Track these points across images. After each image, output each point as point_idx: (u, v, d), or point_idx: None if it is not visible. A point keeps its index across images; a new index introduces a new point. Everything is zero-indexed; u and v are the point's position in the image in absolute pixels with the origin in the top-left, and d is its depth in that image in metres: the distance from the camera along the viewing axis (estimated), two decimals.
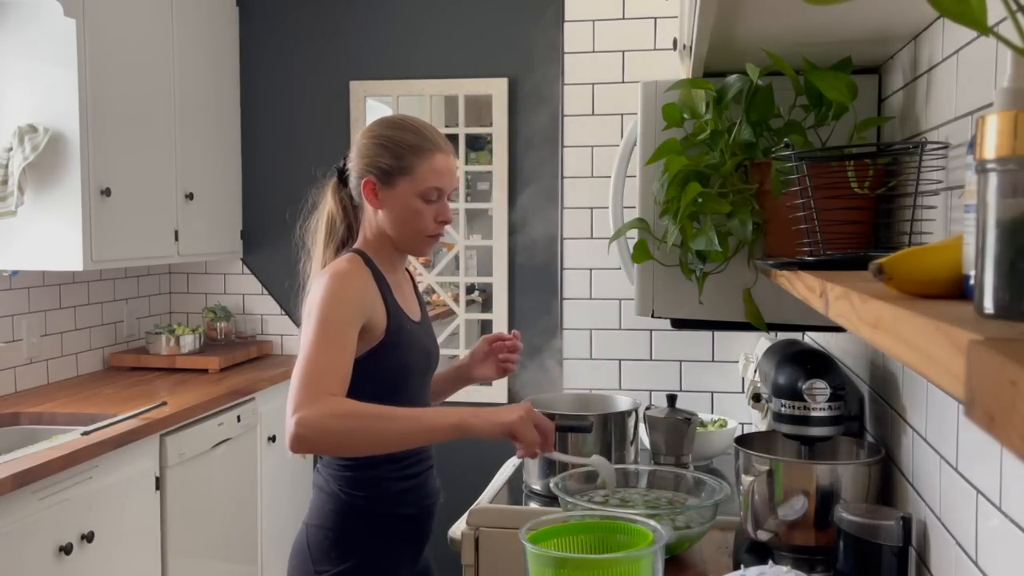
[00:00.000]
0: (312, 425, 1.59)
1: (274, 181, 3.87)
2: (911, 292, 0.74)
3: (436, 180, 1.81)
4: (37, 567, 2.25)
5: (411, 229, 1.83)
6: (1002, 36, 0.58)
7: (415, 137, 1.82)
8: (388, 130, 1.84)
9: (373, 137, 1.84)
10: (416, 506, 1.89)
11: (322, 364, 1.66)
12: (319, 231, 1.92)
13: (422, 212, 1.82)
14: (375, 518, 1.84)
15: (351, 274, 1.77)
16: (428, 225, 1.83)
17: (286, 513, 3.59)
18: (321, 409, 1.60)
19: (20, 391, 3.13)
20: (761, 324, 1.76)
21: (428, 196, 1.81)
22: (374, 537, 1.84)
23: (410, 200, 1.81)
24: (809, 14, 1.36)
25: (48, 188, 2.90)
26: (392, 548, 1.87)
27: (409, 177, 1.80)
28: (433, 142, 1.83)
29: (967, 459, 1.21)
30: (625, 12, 3.40)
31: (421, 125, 1.87)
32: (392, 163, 1.80)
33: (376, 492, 1.83)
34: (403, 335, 1.83)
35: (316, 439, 1.61)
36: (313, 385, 1.63)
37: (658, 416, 2.41)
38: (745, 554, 1.75)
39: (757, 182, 1.61)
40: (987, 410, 0.43)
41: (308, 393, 1.62)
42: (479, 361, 2.09)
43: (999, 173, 0.55)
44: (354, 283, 1.76)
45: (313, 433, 1.59)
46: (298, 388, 1.63)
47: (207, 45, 3.64)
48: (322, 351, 1.68)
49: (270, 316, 3.93)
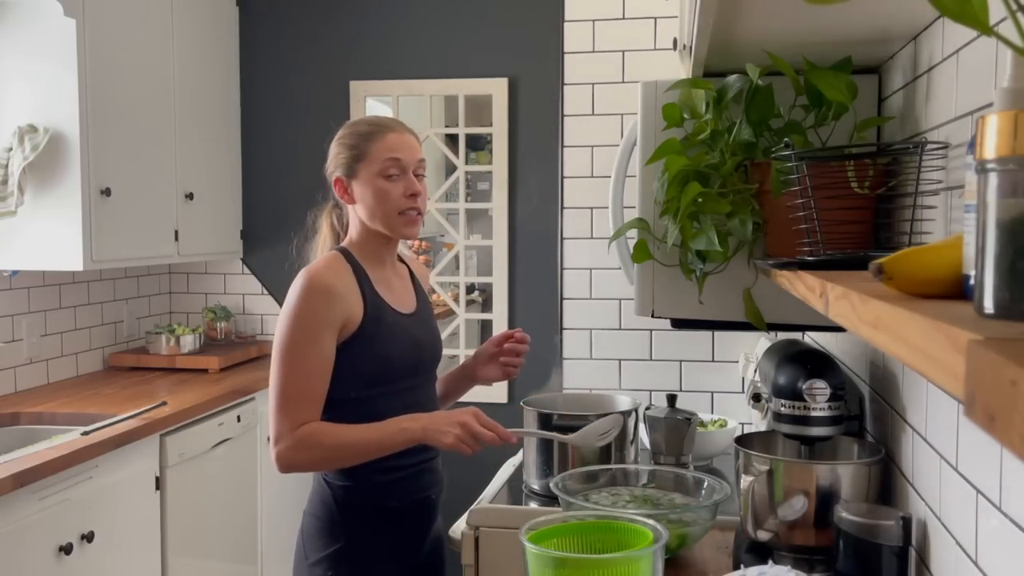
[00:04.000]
0: (289, 461, 1.82)
1: (274, 181, 3.87)
2: (911, 292, 0.74)
3: (390, 154, 1.88)
4: (37, 567, 2.25)
5: (383, 210, 1.89)
6: (1002, 36, 0.58)
7: (366, 127, 1.93)
8: (343, 131, 1.97)
9: (334, 143, 1.97)
10: (403, 500, 1.92)
11: (294, 390, 1.82)
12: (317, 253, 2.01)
13: (388, 190, 1.88)
14: (358, 508, 1.90)
15: (320, 274, 1.85)
16: (398, 200, 1.89)
17: (286, 513, 3.58)
18: (293, 443, 1.80)
19: (20, 391, 3.13)
20: (761, 324, 1.76)
21: (387, 172, 1.88)
22: (359, 527, 1.90)
23: (373, 180, 1.88)
24: (809, 14, 1.36)
25: (48, 188, 2.90)
26: (378, 539, 1.91)
27: (365, 161, 1.89)
28: (383, 125, 1.92)
29: (967, 459, 1.21)
30: (625, 12, 3.40)
31: (377, 117, 1.99)
32: (349, 154, 1.90)
33: (359, 483, 1.89)
34: (382, 326, 1.88)
35: (296, 467, 1.84)
36: (287, 414, 1.82)
37: (658, 416, 2.41)
38: (745, 554, 1.75)
39: (757, 182, 1.61)
40: (987, 410, 0.43)
41: (281, 425, 1.82)
42: (483, 363, 2.13)
43: (999, 173, 0.55)
44: (322, 284, 1.83)
45: (291, 465, 1.82)
46: (274, 418, 1.83)
47: (207, 45, 3.64)
48: (293, 373, 1.82)
49: (270, 316, 3.93)
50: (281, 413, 1.82)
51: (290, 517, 3.60)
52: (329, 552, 1.88)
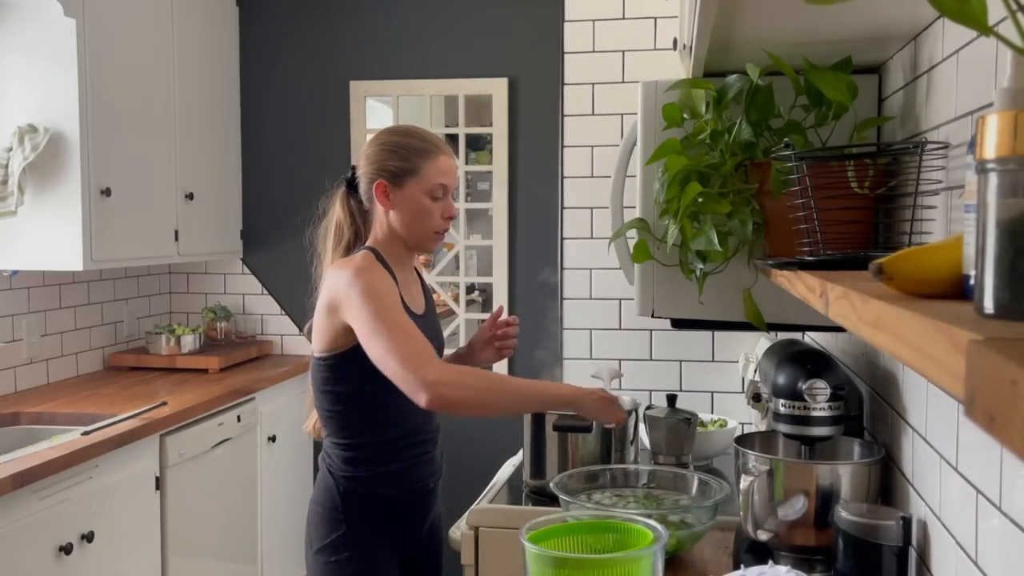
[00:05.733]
0: (449, 382, 1.77)
1: (274, 181, 3.87)
2: (911, 292, 0.74)
3: (441, 178, 1.98)
4: (37, 567, 2.25)
5: (421, 226, 1.99)
6: (1002, 36, 0.58)
7: (420, 142, 1.99)
8: (394, 136, 2.01)
9: (381, 144, 2.00)
10: (402, 488, 1.99)
11: (414, 339, 1.82)
12: (328, 236, 2.06)
13: (430, 209, 1.98)
14: (359, 497, 1.96)
15: (375, 266, 1.92)
16: (436, 221, 2.00)
17: (286, 513, 3.59)
18: (447, 377, 1.78)
19: (20, 391, 3.13)
20: (761, 324, 1.76)
21: (435, 193, 1.98)
22: (359, 515, 1.96)
23: (419, 198, 1.97)
24: (809, 14, 1.36)
25: (48, 188, 2.90)
26: (376, 527, 1.97)
27: (417, 178, 1.97)
28: (436, 145, 2.01)
29: (967, 459, 1.21)
30: (625, 12, 3.40)
31: (424, 131, 2.05)
32: (401, 165, 1.97)
33: (359, 472, 1.96)
34: None
35: (452, 400, 1.78)
36: (423, 358, 1.79)
37: (658, 416, 2.41)
38: (745, 554, 1.75)
39: (757, 182, 1.61)
40: (987, 410, 0.43)
41: (423, 360, 1.78)
42: (479, 349, 2.24)
43: (999, 173, 0.55)
44: (374, 266, 1.92)
45: (448, 399, 1.77)
46: (408, 366, 1.77)
47: (207, 45, 3.64)
48: (402, 329, 1.82)
49: (270, 316, 3.93)
50: (416, 359, 1.78)
51: (290, 517, 3.60)
52: (332, 539, 1.95)
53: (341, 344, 1.91)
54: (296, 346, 3.92)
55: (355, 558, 1.94)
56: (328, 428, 2.00)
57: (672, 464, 2.34)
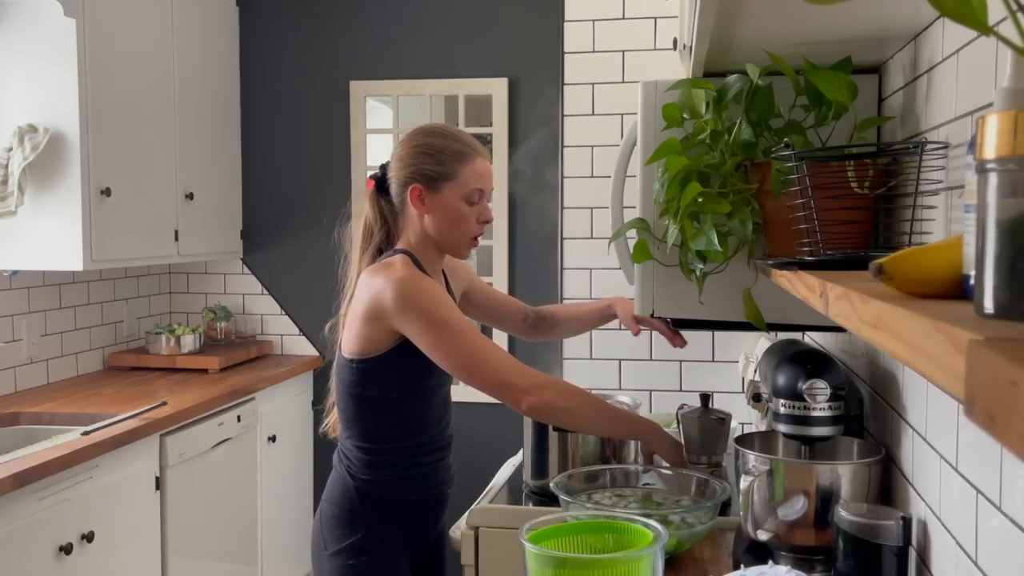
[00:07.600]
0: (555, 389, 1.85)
1: (274, 181, 3.87)
2: (911, 292, 0.74)
3: (478, 182, 1.93)
4: (37, 567, 2.25)
5: (457, 231, 1.94)
6: (1002, 36, 0.58)
7: (456, 144, 1.93)
8: (429, 138, 1.94)
9: (415, 146, 1.93)
10: (421, 493, 1.98)
11: (495, 347, 1.88)
12: (357, 237, 2.02)
13: (467, 214, 1.93)
14: (379, 501, 1.94)
15: (421, 274, 1.89)
16: (472, 226, 1.95)
17: (286, 513, 3.59)
18: (550, 389, 1.85)
19: (20, 391, 3.13)
20: (761, 324, 1.76)
21: (471, 198, 1.93)
22: (379, 518, 1.93)
23: (456, 203, 1.92)
24: (809, 14, 1.36)
25: (48, 188, 2.90)
26: (395, 530, 1.95)
27: (454, 182, 1.91)
28: (473, 147, 1.95)
29: (967, 459, 1.21)
30: (625, 12, 3.40)
31: (459, 132, 2.00)
32: (437, 169, 1.91)
33: (381, 476, 1.93)
34: None
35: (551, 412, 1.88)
36: (513, 361, 1.85)
37: (692, 416, 2.39)
38: (745, 554, 1.75)
39: (757, 182, 1.61)
40: (987, 410, 0.43)
41: (518, 366, 1.84)
42: (590, 320, 2.42)
43: (999, 173, 0.55)
44: (428, 279, 1.89)
45: (556, 396, 1.85)
46: (502, 367, 1.83)
47: (207, 45, 3.64)
48: (479, 337, 1.86)
49: (270, 316, 3.93)
50: (512, 366, 1.84)
51: (290, 517, 3.60)
52: (350, 542, 1.92)
53: (375, 350, 1.88)
54: (296, 346, 3.92)
55: (374, 562, 1.92)
56: (350, 430, 1.95)
57: (704, 464, 2.32)
